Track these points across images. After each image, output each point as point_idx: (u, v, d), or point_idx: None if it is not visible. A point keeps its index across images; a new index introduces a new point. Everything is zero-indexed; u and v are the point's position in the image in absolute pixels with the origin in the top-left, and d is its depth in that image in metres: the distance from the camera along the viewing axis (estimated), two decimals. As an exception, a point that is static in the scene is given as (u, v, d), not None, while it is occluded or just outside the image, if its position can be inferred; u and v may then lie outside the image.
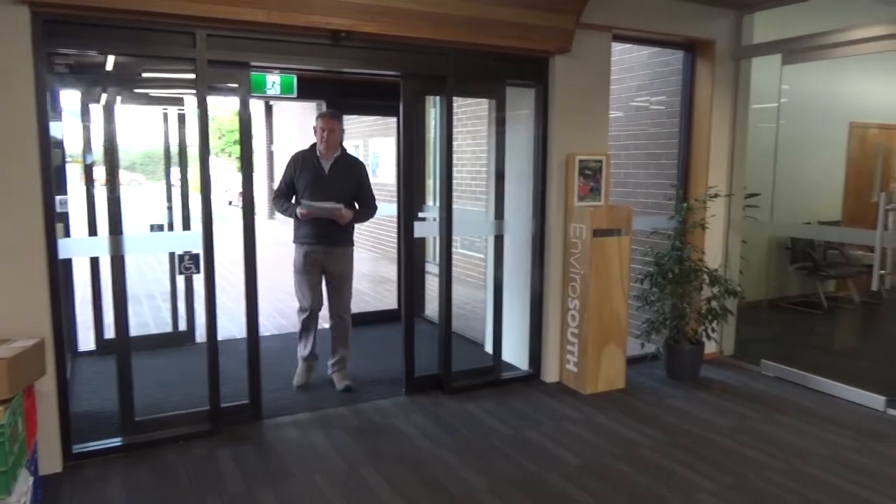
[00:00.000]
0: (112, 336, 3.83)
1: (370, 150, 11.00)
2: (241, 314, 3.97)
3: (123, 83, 3.97)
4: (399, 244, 5.38)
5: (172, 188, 5.27)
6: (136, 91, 4.46)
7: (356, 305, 6.30)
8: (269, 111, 16.34)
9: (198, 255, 3.62)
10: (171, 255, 5.07)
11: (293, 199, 4.34)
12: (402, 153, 4.34)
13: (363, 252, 10.87)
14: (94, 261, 5.05)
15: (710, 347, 5.04)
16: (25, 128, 3.06)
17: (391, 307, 6.44)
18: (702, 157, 5.01)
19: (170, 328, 5.59)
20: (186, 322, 5.45)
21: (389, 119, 8.91)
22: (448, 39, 3.92)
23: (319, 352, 4.56)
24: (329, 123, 4.15)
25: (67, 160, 4.96)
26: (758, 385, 4.65)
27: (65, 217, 4.41)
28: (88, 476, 3.23)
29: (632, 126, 5.75)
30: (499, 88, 4.58)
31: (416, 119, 4.53)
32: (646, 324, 4.75)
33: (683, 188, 5.09)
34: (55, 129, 4.12)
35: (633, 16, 4.51)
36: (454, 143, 4.28)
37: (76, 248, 3.65)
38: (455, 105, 4.27)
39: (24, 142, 3.06)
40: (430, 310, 6.18)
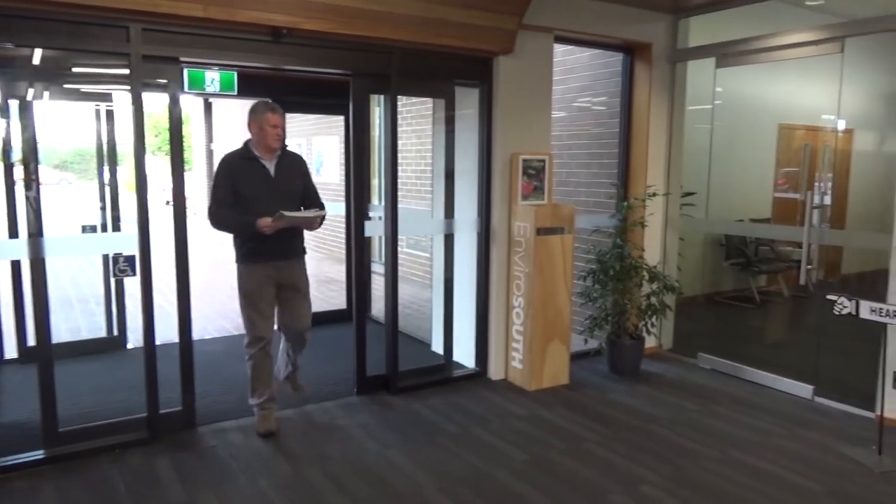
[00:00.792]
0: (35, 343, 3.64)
1: (314, 149, 10.85)
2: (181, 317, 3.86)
3: (52, 78, 3.80)
4: (348, 244, 5.34)
5: (105, 188, 5.06)
6: (66, 87, 4.27)
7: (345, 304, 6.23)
8: (209, 109, 15.91)
9: (133, 257, 3.49)
10: (105, 258, 4.90)
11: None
12: (353, 152, 4.29)
13: (308, 253, 10.73)
14: (17, 264, 4.80)
15: (650, 342, 5.19)
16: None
17: (337, 307, 6.37)
18: (641, 157, 5.14)
19: (103, 333, 5.38)
20: (118, 326, 5.25)
21: (332, 117, 8.82)
22: (392, 38, 3.91)
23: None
24: (281, 119, 3.63)
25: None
26: (695, 377, 4.81)
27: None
28: (16, 489, 3.08)
29: (574, 126, 5.85)
30: (443, 88, 4.60)
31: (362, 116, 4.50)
32: (588, 320, 4.85)
33: (624, 187, 5.22)
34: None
35: (574, 18, 4.59)
36: (399, 143, 4.26)
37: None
38: (399, 104, 4.26)
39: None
40: (377, 309, 6.14)
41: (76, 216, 5.13)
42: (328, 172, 10.19)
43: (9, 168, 4.55)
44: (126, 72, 3.34)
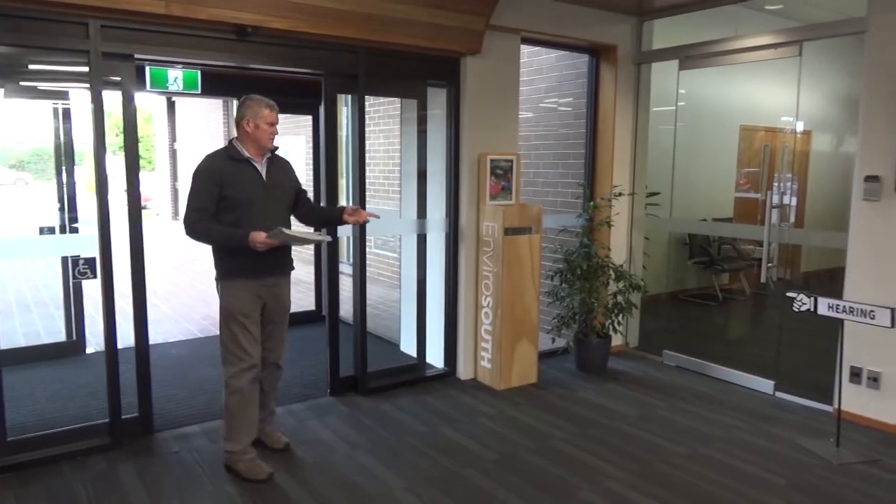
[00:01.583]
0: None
1: (280, 149, 10.74)
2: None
3: (8, 76, 3.69)
4: (318, 244, 5.32)
5: (64, 188, 4.93)
6: (23, 84, 4.15)
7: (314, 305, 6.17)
8: (172, 107, 15.63)
9: (93, 259, 3.41)
10: (64, 260, 4.78)
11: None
12: (325, 152, 4.25)
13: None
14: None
15: (617, 340, 5.25)
16: None
17: (303, 309, 6.31)
18: (607, 158, 5.21)
19: (62, 337, 5.24)
20: (76, 330, 5.12)
21: (298, 117, 8.73)
22: (358, 38, 3.89)
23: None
24: (277, 117, 3.30)
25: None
26: (661, 375, 4.88)
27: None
28: (-28, 500, 2.99)
29: (541, 127, 5.90)
30: (411, 88, 4.59)
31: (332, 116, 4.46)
32: (556, 319, 4.89)
33: (590, 187, 5.28)
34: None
35: (541, 19, 4.62)
36: (367, 143, 4.24)
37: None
38: (367, 104, 4.23)
39: None
40: (345, 310, 6.09)
41: (33, 217, 4.99)
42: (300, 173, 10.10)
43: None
44: (85, 69, 3.26)
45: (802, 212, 6.93)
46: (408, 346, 5.10)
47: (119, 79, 3.40)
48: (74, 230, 4.75)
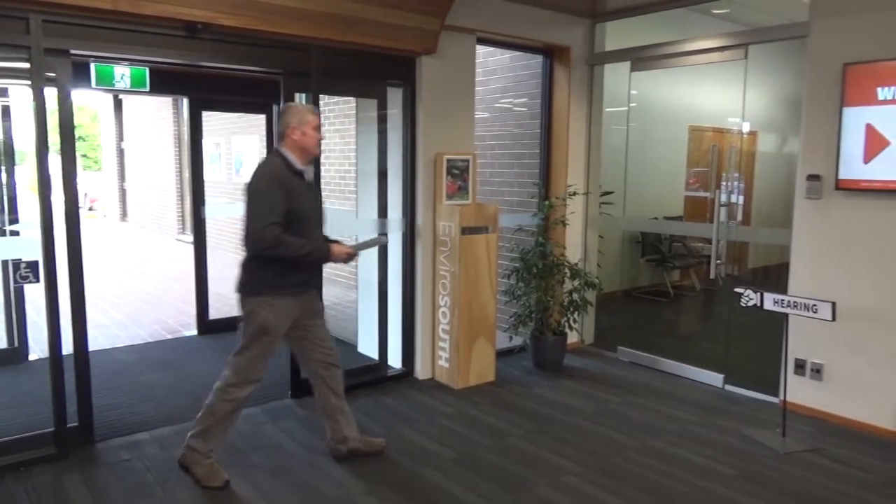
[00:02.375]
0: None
1: (233, 149, 10.54)
2: (91, 325, 3.66)
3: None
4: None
5: (4, 188, 4.74)
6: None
7: (220, 311, 6.03)
8: (119, 106, 15.17)
9: (36, 263, 3.28)
10: (5, 264, 4.59)
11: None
12: None
13: (225, 254, 10.41)
14: None
15: (573, 337, 5.33)
16: None
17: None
18: (561, 157, 5.27)
19: (3, 344, 5.03)
20: (18, 337, 4.92)
21: (252, 116, 8.60)
22: (311, 36, 3.84)
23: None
24: (320, 120, 3.18)
25: None
26: (615, 370, 4.97)
27: None
28: None
29: (497, 127, 5.94)
30: (367, 87, 4.56)
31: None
32: (513, 317, 4.93)
33: (545, 187, 5.34)
34: None
35: (496, 20, 4.65)
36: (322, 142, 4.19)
37: None
38: (322, 103, 4.19)
39: None
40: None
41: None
42: (249, 173, 9.93)
43: None
44: (26, 66, 3.14)
45: (749, 210, 7.16)
46: (365, 347, 5.07)
47: (54, 75, 3.27)
48: (15, 233, 4.56)
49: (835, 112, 3.81)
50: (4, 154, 4.65)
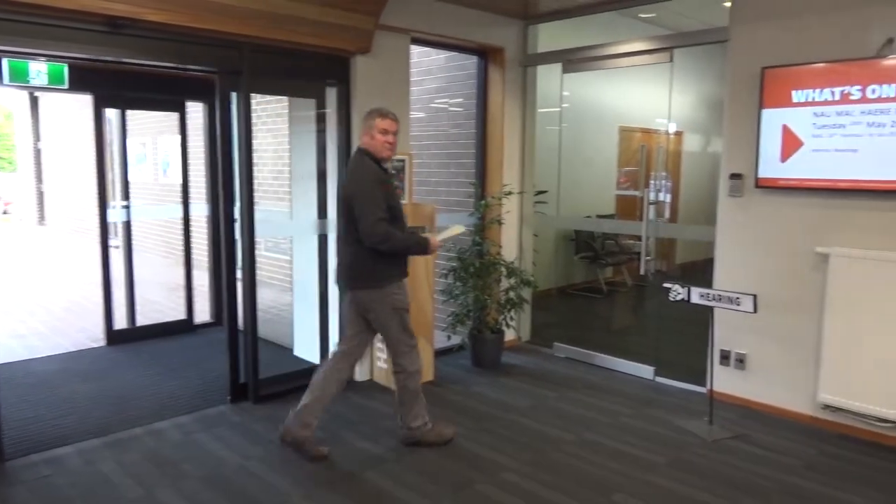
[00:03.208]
0: None
1: (159, 149, 10.17)
2: (6, 335, 3.46)
3: None
4: (217, 248, 5.08)
5: None
6: None
7: (149, 317, 5.82)
8: (35, 104, 14.40)
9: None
10: None
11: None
12: (221, 153, 4.06)
13: (156, 258, 10.05)
14: None
15: (510, 335, 5.39)
16: None
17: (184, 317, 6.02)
18: (496, 157, 5.33)
19: None
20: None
21: (175, 115, 8.31)
22: (241, 33, 3.75)
23: None
24: (394, 124, 3.42)
25: None
26: (551, 366, 5.06)
27: None
28: None
29: (432, 127, 5.95)
30: (300, 86, 4.49)
31: (213, 116, 4.28)
32: (451, 317, 4.94)
33: (481, 186, 5.38)
34: None
35: (430, 20, 4.66)
36: (254, 142, 4.10)
37: None
38: (254, 102, 4.10)
39: None
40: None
41: None
42: (175, 174, 9.59)
43: None
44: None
45: (676, 208, 7.43)
46: (301, 351, 4.99)
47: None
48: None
49: (754, 113, 3.99)
50: None
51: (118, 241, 5.85)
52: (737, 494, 3.11)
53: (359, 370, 4.63)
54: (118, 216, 5.61)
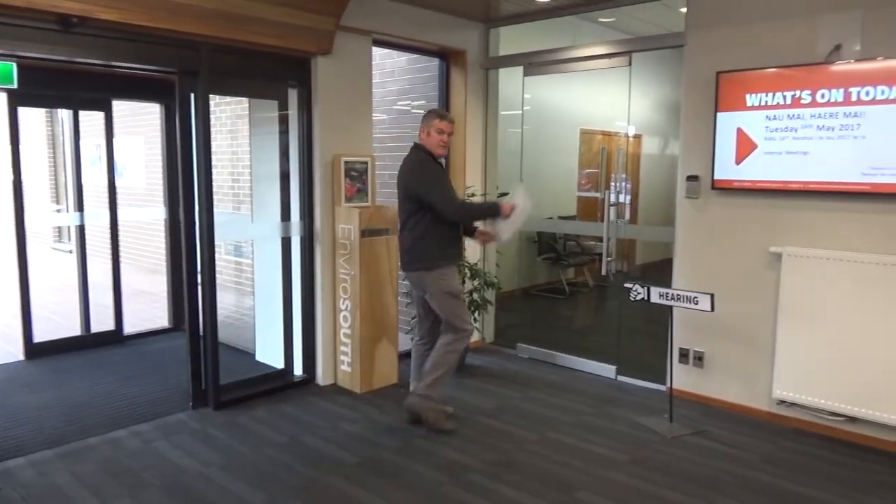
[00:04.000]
0: None
1: (115, 151, 9.91)
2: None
3: None
4: (175, 252, 4.95)
5: None
6: None
7: (105, 323, 5.66)
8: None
9: None
10: None
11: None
12: (181, 155, 3.98)
13: (106, 263, 9.80)
14: None
15: (474, 336, 5.38)
16: None
17: (153, 324, 5.89)
18: (459, 159, 5.34)
19: None
20: None
21: (138, 117, 8.13)
22: (198, 33, 3.68)
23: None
24: (450, 126, 3.78)
25: None
26: (515, 367, 5.09)
27: None
28: None
29: (395, 129, 5.93)
30: (261, 87, 4.43)
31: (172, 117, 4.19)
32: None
33: (444, 188, 5.38)
34: None
35: (392, 22, 4.65)
36: (213, 144, 4.03)
37: None
38: (213, 103, 4.03)
39: None
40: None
41: None
42: (132, 176, 9.36)
43: None
44: None
45: (636, 209, 7.55)
46: (263, 356, 4.92)
47: None
48: None
49: (709, 117, 4.09)
50: None
51: (71, 246, 5.67)
52: (696, 489, 3.18)
53: (321, 374, 4.59)
54: (70, 220, 5.43)
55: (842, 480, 3.29)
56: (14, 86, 4.18)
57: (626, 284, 4.06)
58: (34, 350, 5.17)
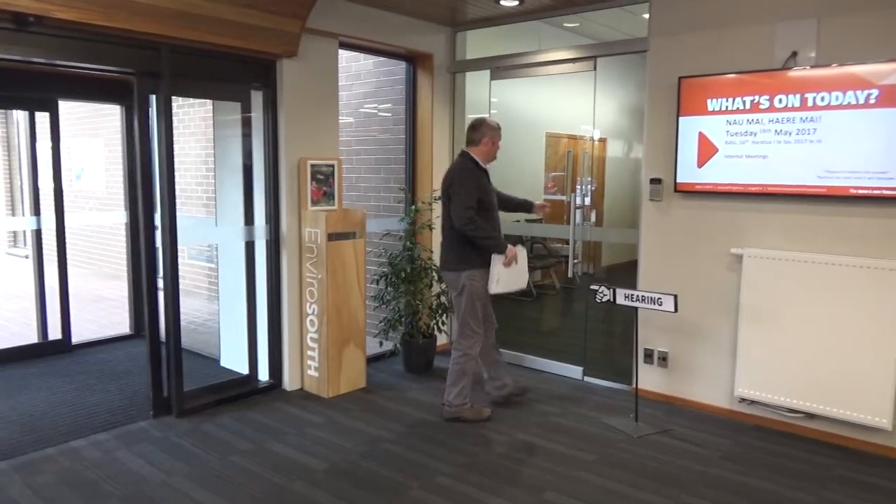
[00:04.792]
0: None
1: (73, 154, 9.69)
2: None
3: None
4: (136, 257, 4.83)
5: None
6: None
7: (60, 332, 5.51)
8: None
9: None
10: None
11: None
12: (140, 158, 3.90)
13: (73, 268, 9.55)
14: None
15: (442, 339, 5.41)
16: None
17: (113, 331, 5.75)
18: (426, 162, 5.35)
19: None
20: None
21: (95, 118, 7.97)
22: (158, 33, 3.62)
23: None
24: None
25: None
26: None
27: None
28: None
29: (362, 132, 5.91)
30: (224, 90, 4.37)
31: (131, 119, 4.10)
32: (383, 322, 4.92)
33: (411, 191, 5.38)
34: None
35: (358, 25, 4.63)
36: (176, 147, 3.97)
37: None
38: (175, 105, 3.96)
39: None
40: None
41: None
42: (91, 179, 9.16)
43: None
44: None
45: (601, 212, 7.63)
46: (228, 361, 4.85)
47: None
48: None
49: (672, 121, 4.16)
50: None
51: (27, 251, 5.50)
52: (662, 487, 3.22)
53: (288, 379, 4.54)
54: (26, 224, 5.27)
55: (800, 475, 3.37)
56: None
57: (592, 286, 4.11)
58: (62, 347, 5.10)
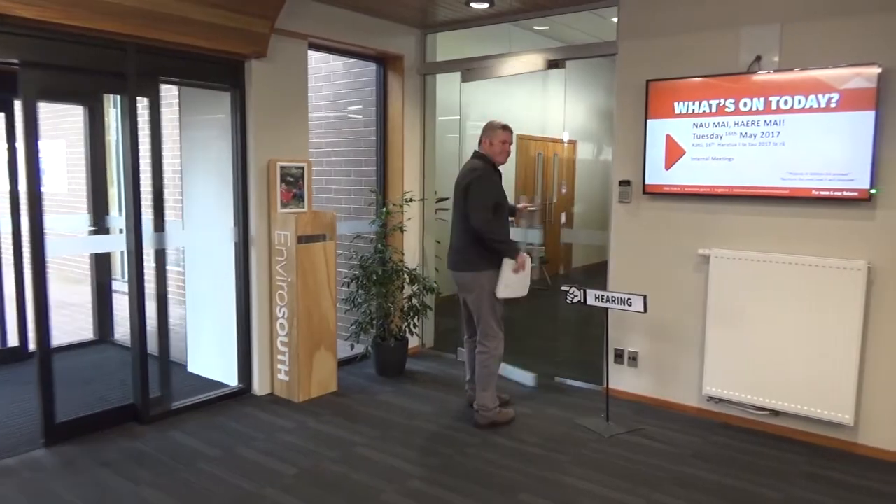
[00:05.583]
0: None
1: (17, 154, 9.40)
2: None
3: None
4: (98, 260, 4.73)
5: None
6: None
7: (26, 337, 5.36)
8: None
9: None
10: None
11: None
12: (91, 159, 3.81)
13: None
14: None
15: (414, 342, 5.40)
16: None
17: (77, 337, 5.61)
18: (397, 164, 5.33)
19: None
20: None
21: (59, 120, 7.77)
22: (122, 32, 3.54)
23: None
24: (511, 135, 4.02)
25: None
26: (455, 371, 5.10)
27: None
28: None
29: (332, 134, 5.87)
30: (192, 91, 4.30)
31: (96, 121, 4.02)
32: (354, 325, 4.88)
33: (382, 193, 5.36)
34: None
35: (328, 26, 4.60)
36: (141, 148, 3.89)
37: None
38: (141, 106, 3.89)
39: None
40: (121, 333, 5.54)
41: None
42: (54, 181, 8.91)
43: None
44: None
45: (572, 213, 7.70)
46: (196, 366, 4.77)
47: None
48: None
49: (640, 124, 4.21)
50: None
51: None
52: (634, 486, 3.25)
53: (257, 384, 4.48)
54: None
55: (768, 472, 3.43)
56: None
57: (563, 287, 4.13)
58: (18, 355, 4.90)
